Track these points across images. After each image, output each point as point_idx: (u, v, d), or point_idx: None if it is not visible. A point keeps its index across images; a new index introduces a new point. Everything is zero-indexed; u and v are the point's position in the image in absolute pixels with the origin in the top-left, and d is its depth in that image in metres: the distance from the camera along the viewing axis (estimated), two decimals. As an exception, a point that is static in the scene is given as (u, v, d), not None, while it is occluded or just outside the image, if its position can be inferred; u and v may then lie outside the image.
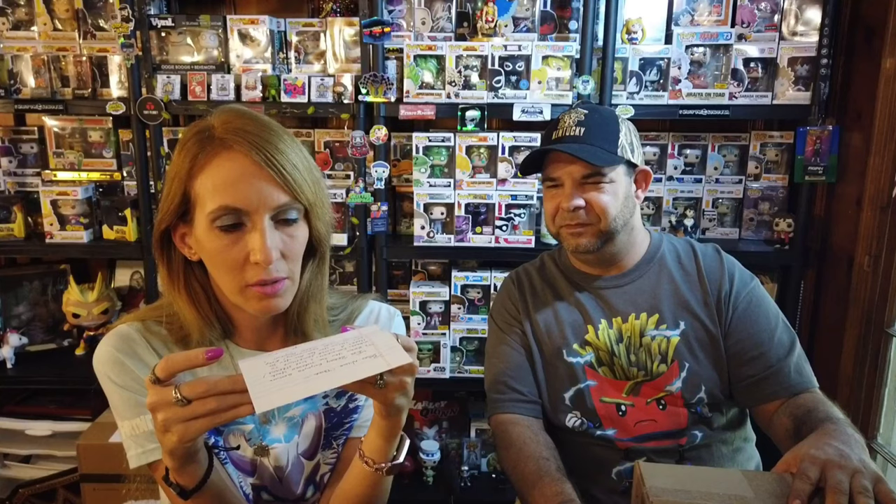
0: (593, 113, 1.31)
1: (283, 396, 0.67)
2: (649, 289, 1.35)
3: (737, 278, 1.33)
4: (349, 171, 2.26)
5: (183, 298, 0.95)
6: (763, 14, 2.04)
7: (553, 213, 1.33)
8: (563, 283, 1.42)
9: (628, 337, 1.33)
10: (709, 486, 0.86)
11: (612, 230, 1.28)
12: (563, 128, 1.30)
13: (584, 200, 1.27)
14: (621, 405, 1.32)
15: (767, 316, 1.30)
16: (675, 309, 1.33)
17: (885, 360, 1.84)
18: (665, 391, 1.30)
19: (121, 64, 2.14)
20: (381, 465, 0.89)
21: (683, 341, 1.30)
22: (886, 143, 1.78)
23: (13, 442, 2.24)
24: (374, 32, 1.97)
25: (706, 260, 1.36)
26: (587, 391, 1.33)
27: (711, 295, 1.32)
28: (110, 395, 0.95)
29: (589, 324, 1.35)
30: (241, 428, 1.00)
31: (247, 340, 1.01)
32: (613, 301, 1.36)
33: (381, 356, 0.74)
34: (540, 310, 1.40)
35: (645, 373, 1.31)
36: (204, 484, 0.82)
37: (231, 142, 0.86)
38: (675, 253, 1.39)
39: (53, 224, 2.19)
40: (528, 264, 1.51)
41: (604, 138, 1.27)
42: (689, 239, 1.43)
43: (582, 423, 1.33)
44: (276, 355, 0.74)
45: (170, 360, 0.72)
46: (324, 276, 1.01)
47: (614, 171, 1.28)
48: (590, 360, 1.34)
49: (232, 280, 0.89)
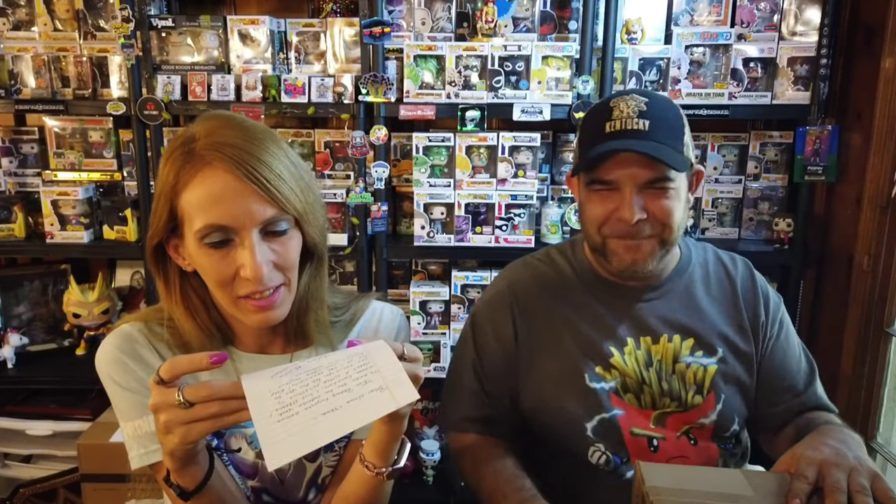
0: (655, 102, 1.09)
1: (293, 450, 0.66)
2: (682, 306, 1.19)
3: (771, 303, 1.21)
4: (349, 171, 2.26)
5: (181, 310, 0.95)
6: (762, 14, 2.04)
7: (601, 221, 1.11)
8: (580, 290, 1.22)
9: (659, 361, 1.16)
10: (709, 486, 0.87)
11: (672, 241, 1.10)
12: (620, 118, 1.07)
13: (646, 210, 1.07)
14: (653, 439, 1.15)
15: (794, 342, 1.22)
16: (711, 333, 1.18)
17: (885, 360, 1.84)
18: (696, 423, 1.16)
19: (121, 64, 2.14)
20: (382, 469, 0.88)
21: (721, 371, 1.16)
22: (886, 143, 1.78)
23: (14, 442, 2.24)
24: (374, 33, 1.97)
25: (741, 280, 1.23)
26: (615, 421, 1.15)
27: (748, 320, 1.19)
28: (112, 395, 0.95)
29: (613, 344, 1.17)
30: (243, 431, 1.00)
31: (247, 345, 1.01)
32: (642, 317, 1.18)
33: (388, 389, 0.72)
34: (549, 326, 1.20)
35: (678, 403, 1.16)
36: (204, 486, 0.82)
37: (211, 157, 0.84)
38: (705, 267, 1.24)
39: (54, 224, 2.19)
40: (534, 259, 1.29)
41: (671, 134, 1.07)
42: (713, 248, 1.28)
43: (608, 460, 1.15)
44: (281, 380, 0.73)
45: (174, 362, 0.73)
46: (322, 278, 1.01)
47: (679, 175, 1.08)
48: (615, 387, 1.16)
49: (225, 294, 0.89)
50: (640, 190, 1.07)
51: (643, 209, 1.07)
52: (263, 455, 0.65)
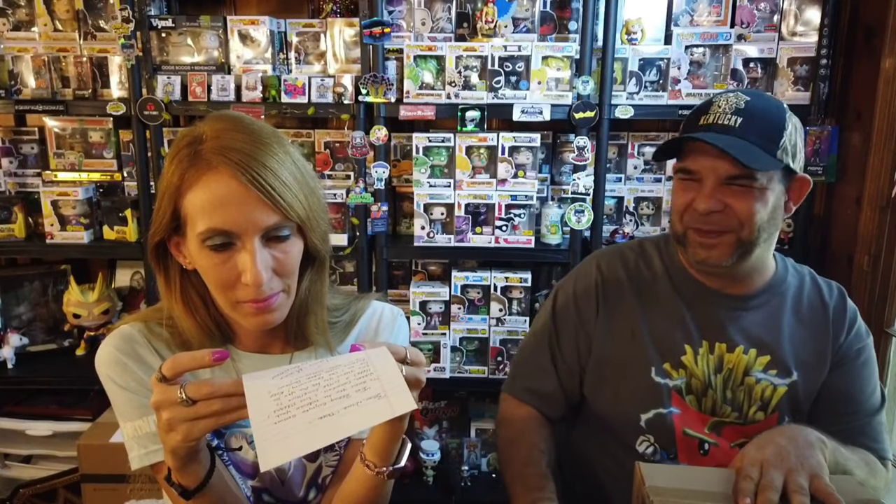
0: (757, 101, 1.09)
1: (286, 453, 0.66)
2: (767, 323, 1.18)
3: (856, 330, 1.20)
4: (349, 171, 2.26)
5: (180, 308, 0.95)
6: (762, 14, 2.04)
7: (682, 210, 1.12)
8: (666, 286, 1.22)
9: (729, 369, 1.17)
10: (709, 486, 0.87)
11: (753, 242, 1.09)
12: (715, 113, 1.09)
13: (725, 203, 1.07)
14: (705, 442, 1.16)
15: (870, 377, 1.19)
16: (790, 356, 1.16)
17: (885, 360, 1.84)
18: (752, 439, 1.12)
19: (121, 64, 2.14)
20: (383, 468, 0.88)
21: (790, 394, 1.16)
22: (886, 143, 1.78)
23: (14, 442, 2.24)
24: (374, 33, 1.97)
25: (834, 310, 1.21)
26: (670, 418, 1.17)
27: (831, 347, 1.18)
28: (112, 396, 0.95)
29: (688, 343, 1.17)
30: (244, 430, 1.00)
31: (247, 344, 1.01)
32: (723, 324, 1.17)
33: (386, 397, 0.72)
34: (627, 313, 1.22)
35: (738, 415, 1.16)
36: (205, 485, 0.82)
37: (217, 162, 0.84)
38: (799, 289, 1.22)
39: (54, 224, 2.19)
40: (627, 248, 1.30)
41: (764, 134, 1.06)
42: (811, 272, 1.27)
43: (655, 451, 1.18)
44: (282, 382, 0.73)
45: (177, 359, 0.73)
46: (323, 281, 1.00)
47: (768, 176, 1.07)
48: (679, 386, 1.17)
49: (224, 297, 0.89)
50: (724, 184, 1.07)
51: (721, 202, 1.07)
52: (258, 456, 0.66)
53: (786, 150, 1.07)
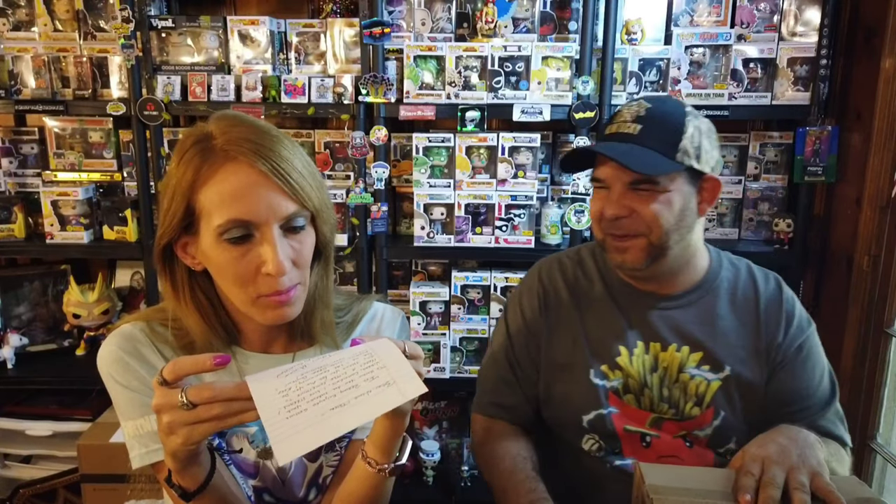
0: (658, 106, 1.13)
1: (302, 445, 0.66)
2: (699, 320, 1.20)
3: (794, 324, 1.20)
4: (349, 171, 2.26)
5: (190, 309, 0.95)
6: (762, 14, 2.04)
7: (598, 217, 1.17)
8: (601, 291, 1.26)
9: (664, 368, 1.20)
10: (708, 485, 0.87)
11: (663, 244, 1.12)
12: (618, 122, 1.14)
13: (631, 209, 1.11)
14: (646, 436, 1.20)
15: (814, 368, 1.20)
16: (721, 351, 1.18)
17: (885, 360, 1.84)
18: (691, 433, 1.19)
19: (121, 65, 2.14)
20: (384, 465, 0.89)
21: (724, 388, 1.18)
22: (886, 143, 1.78)
23: (13, 442, 2.24)
24: (374, 33, 1.97)
25: (766, 300, 1.22)
26: (609, 418, 1.20)
27: (764, 342, 1.19)
28: (114, 395, 0.95)
29: (622, 345, 1.21)
30: (245, 431, 1.00)
31: (252, 344, 1.01)
32: (656, 324, 1.21)
33: (395, 384, 0.73)
34: (567, 320, 1.26)
35: (675, 412, 1.19)
36: (206, 486, 0.82)
37: (235, 152, 0.85)
38: (734, 283, 1.24)
39: (54, 224, 2.19)
40: (565, 256, 1.34)
41: (662, 139, 1.10)
42: (749, 265, 1.28)
43: (600, 448, 1.22)
44: (287, 379, 0.73)
45: (178, 363, 0.73)
46: (329, 278, 1.01)
47: (669, 179, 1.10)
48: (616, 386, 1.21)
49: (242, 292, 0.88)
50: (630, 190, 1.11)
51: (628, 208, 1.11)
52: (273, 451, 0.66)
53: (686, 153, 1.10)
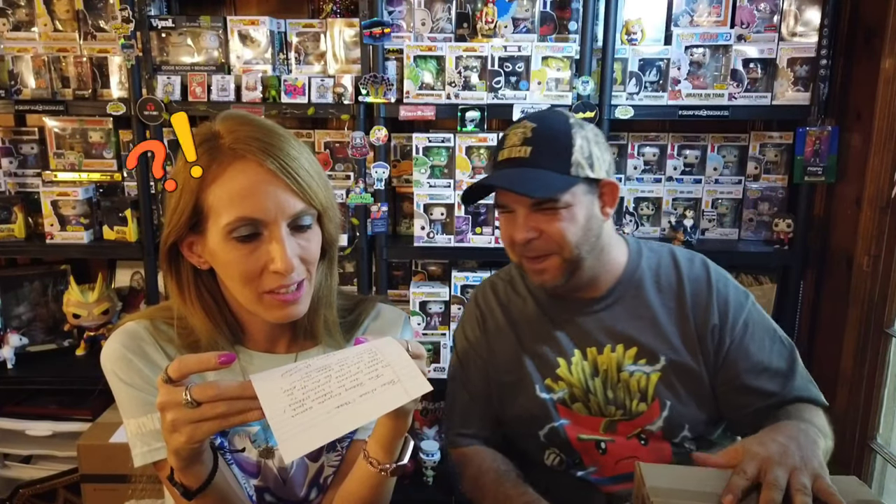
0: (541, 125, 1.13)
1: (308, 442, 0.67)
2: (626, 315, 1.21)
3: (730, 306, 1.19)
4: (349, 171, 2.26)
5: (195, 308, 0.95)
6: (762, 15, 2.04)
7: (509, 243, 1.18)
8: (532, 308, 1.28)
9: (604, 371, 1.21)
10: (709, 486, 0.86)
11: (575, 258, 1.14)
12: (508, 147, 1.14)
13: (539, 230, 1.12)
14: (601, 442, 1.21)
15: (763, 339, 1.19)
16: (653, 341, 1.19)
17: (885, 360, 1.84)
18: (644, 429, 1.20)
19: (121, 65, 2.14)
20: (386, 465, 0.89)
21: (664, 378, 1.18)
22: (886, 143, 1.78)
23: (13, 442, 2.24)
24: (374, 33, 1.97)
25: (692, 283, 1.22)
26: (563, 430, 1.22)
27: (695, 326, 1.19)
28: (117, 392, 0.95)
29: (560, 356, 1.23)
30: (247, 430, 1.00)
31: (256, 343, 1.02)
32: (587, 329, 1.22)
33: (400, 382, 0.73)
34: (506, 340, 1.27)
35: (623, 412, 1.20)
36: (208, 485, 0.82)
37: (244, 151, 0.85)
38: (656, 271, 1.24)
39: (54, 224, 2.19)
40: (497, 278, 1.36)
41: (553, 157, 1.11)
42: (672, 250, 1.28)
43: (561, 461, 1.24)
44: (292, 378, 0.73)
45: (183, 361, 0.73)
46: (333, 278, 1.02)
47: (570, 194, 1.11)
48: (562, 397, 1.22)
49: (249, 290, 0.89)
50: (534, 212, 1.12)
51: (535, 229, 1.12)
52: (280, 449, 0.66)
53: (580, 165, 1.11)
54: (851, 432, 1.90)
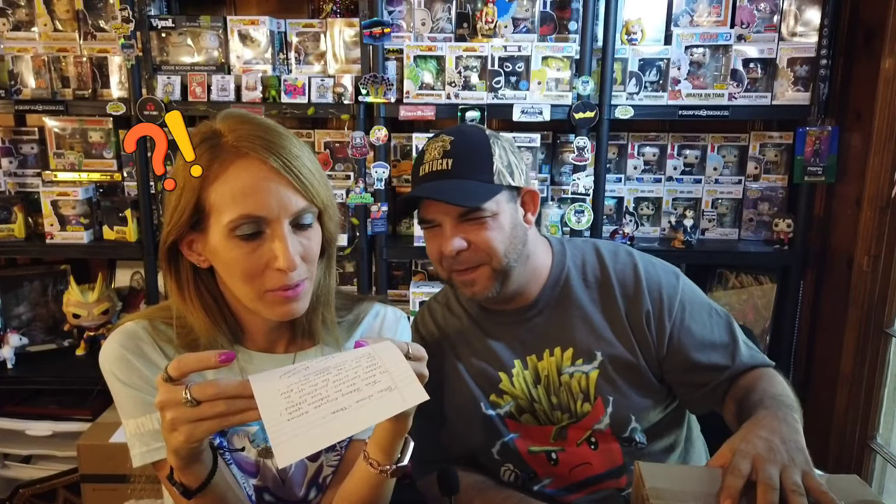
0: (459, 138, 1.14)
1: (303, 448, 0.67)
2: (558, 318, 1.21)
3: (663, 290, 1.19)
4: (349, 171, 2.26)
5: (195, 307, 0.95)
6: (762, 15, 2.04)
7: (437, 258, 1.16)
8: (467, 324, 1.27)
9: (546, 377, 1.20)
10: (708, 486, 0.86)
11: (505, 267, 1.13)
12: (428, 161, 1.14)
13: (467, 240, 1.11)
14: (551, 453, 1.21)
15: (702, 315, 1.19)
16: (588, 339, 1.19)
17: (885, 360, 1.84)
18: (593, 430, 1.19)
19: (121, 65, 2.14)
20: (386, 466, 0.89)
21: (603, 374, 1.18)
22: (886, 143, 1.78)
23: (13, 442, 2.24)
24: (374, 33, 1.97)
25: (618, 274, 1.22)
26: (513, 444, 1.22)
27: (626, 316, 1.19)
28: (116, 392, 0.95)
29: (502, 371, 1.22)
30: (246, 430, 1.00)
31: (256, 342, 1.01)
32: (526, 338, 1.22)
33: (397, 389, 0.73)
34: (447, 362, 1.26)
35: (570, 415, 1.20)
36: (207, 484, 0.82)
37: (246, 149, 0.85)
38: (582, 268, 1.24)
39: (54, 224, 2.19)
40: (434, 302, 1.35)
41: (475, 167, 1.11)
42: (596, 244, 1.29)
43: (517, 477, 1.24)
44: (290, 380, 0.73)
45: (183, 359, 0.73)
46: (332, 276, 1.02)
47: (494, 203, 1.11)
48: (509, 411, 1.22)
49: (251, 288, 0.89)
50: (461, 223, 1.12)
51: (463, 240, 1.11)
52: (273, 453, 0.66)
53: (500, 174, 1.12)
54: (851, 432, 1.90)
